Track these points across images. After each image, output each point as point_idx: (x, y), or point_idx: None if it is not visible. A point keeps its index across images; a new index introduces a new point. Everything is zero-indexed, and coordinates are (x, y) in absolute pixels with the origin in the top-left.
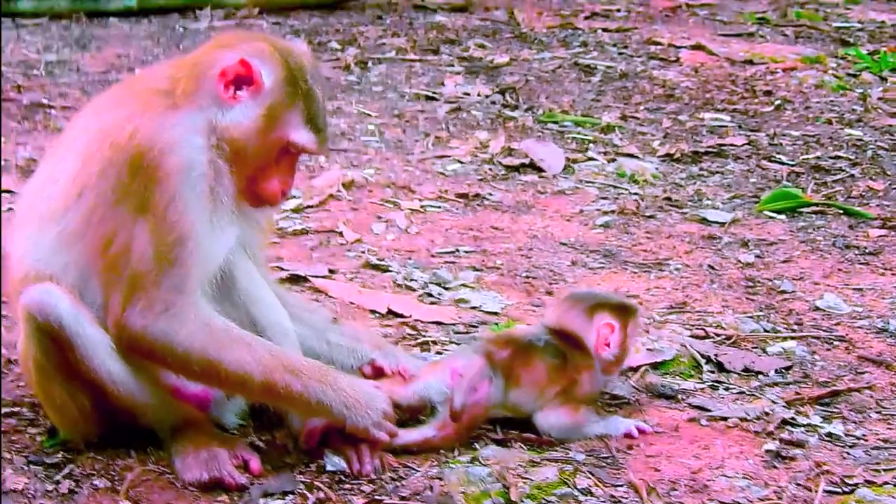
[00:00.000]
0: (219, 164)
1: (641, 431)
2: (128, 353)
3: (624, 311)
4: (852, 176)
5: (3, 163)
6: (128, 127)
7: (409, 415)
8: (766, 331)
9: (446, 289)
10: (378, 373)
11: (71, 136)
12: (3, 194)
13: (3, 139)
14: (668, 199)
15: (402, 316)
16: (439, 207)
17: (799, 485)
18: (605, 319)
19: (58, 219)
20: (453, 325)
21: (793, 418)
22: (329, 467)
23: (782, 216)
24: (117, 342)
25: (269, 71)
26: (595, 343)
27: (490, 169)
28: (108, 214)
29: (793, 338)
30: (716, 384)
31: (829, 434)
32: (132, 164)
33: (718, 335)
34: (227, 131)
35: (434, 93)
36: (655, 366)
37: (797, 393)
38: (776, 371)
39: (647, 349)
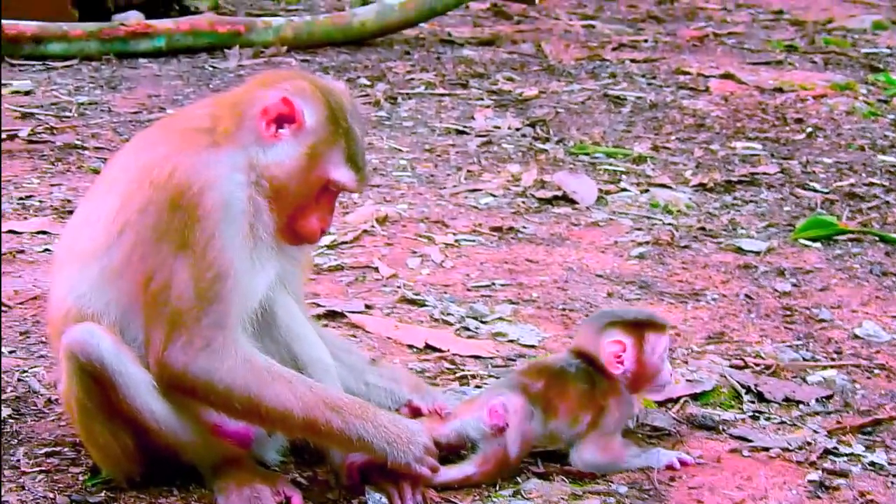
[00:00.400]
0: (258, 201)
1: (683, 463)
2: (169, 391)
3: (637, 326)
4: (887, 202)
5: (29, 203)
6: (168, 165)
7: (448, 452)
8: (805, 360)
9: (483, 322)
10: (415, 413)
11: (111, 174)
12: (37, 236)
13: (37, 180)
14: (703, 228)
15: (439, 350)
16: (474, 241)
17: None
18: (614, 336)
19: (99, 256)
20: (491, 358)
21: (835, 448)
22: (370, 503)
23: (818, 244)
24: (158, 379)
25: (311, 110)
26: (606, 361)
27: (523, 202)
28: (148, 252)
29: (833, 366)
30: (757, 414)
31: (873, 463)
32: (172, 201)
33: (758, 365)
34: (267, 169)
35: (464, 127)
36: (695, 396)
37: (839, 422)
38: (817, 400)
39: (687, 380)
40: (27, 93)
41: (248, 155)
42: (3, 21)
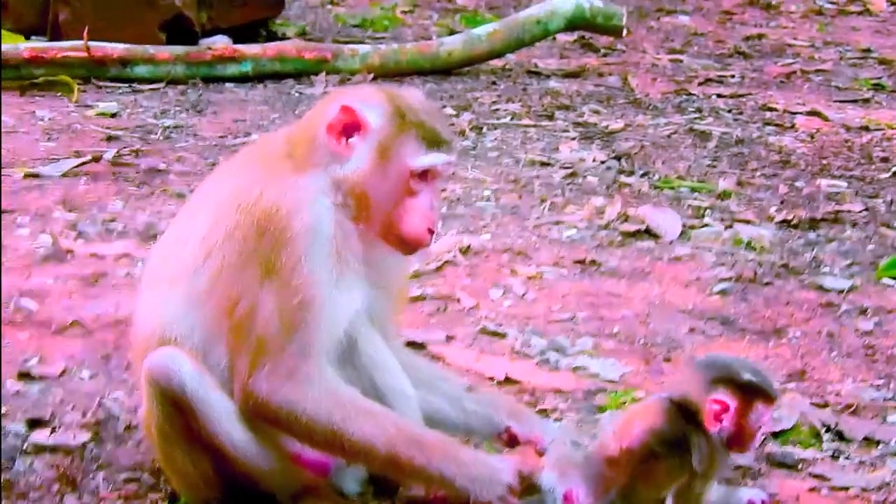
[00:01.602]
0: (346, 224)
1: (763, 503)
2: (252, 418)
3: (748, 392)
4: None
5: (113, 227)
6: (255, 190)
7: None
8: (886, 400)
9: (564, 355)
10: (512, 440)
11: (199, 199)
12: (120, 260)
13: (121, 204)
14: (786, 265)
15: (519, 383)
16: (556, 274)
17: None
18: (720, 396)
19: (185, 281)
20: (572, 392)
21: None
22: None
23: None
24: (243, 407)
25: (373, 110)
26: (706, 415)
27: (606, 235)
28: (234, 277)
29: None
30: (837, 453)
31: None
32: (259, 226)
33: (839, 404)
34: (350, 183)
35: (549, 158)
36: (776, 434)
37: None
38: None
39: None
40: (113, 115)
41: (329, 174)
42: (90, 43)
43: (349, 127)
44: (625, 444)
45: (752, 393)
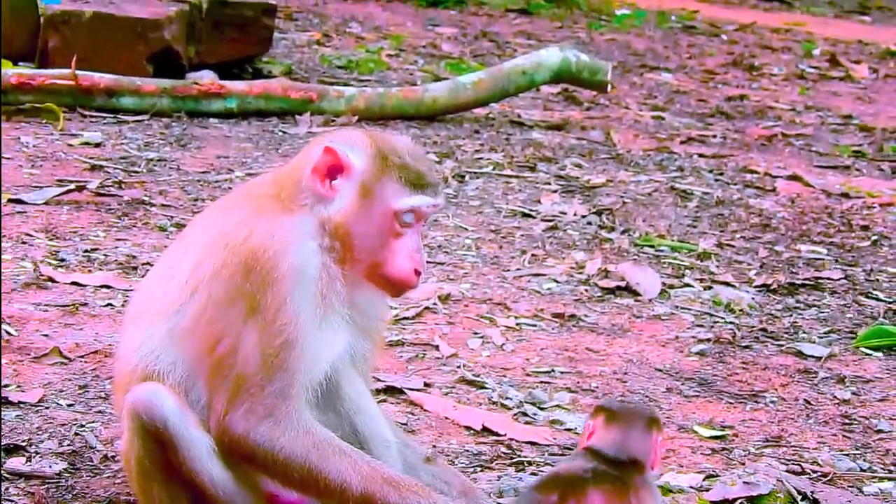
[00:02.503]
0: (332, 267)
1: None
2: (227, 455)
3: (659, 422)
4: None
5: (94, 256)
6: (243, 230)
7: None
8: (862, 470)
9: (541, 409)
10: None
11: (188, 237)
12: (101, 290)
13: (103, 234)
14: (764, 329)
15: (497, 434)
16: (535, 326)
17: None
18: (658, 437)
19: (170, 316)
20: (548, 446)
21: None
22: None
23: (879, 353)
24: (218, 443)
25: (356, 152)
26: (653, 461)
27: (586, 290)
28: (218, 314)
29: (890, 479)
30: None
31: None
32: (246, 265)
33: (815, 472)
34: (333, 223)
35: (530, 210)
36: (751, 500)
37: None
38: None
39: (744, 482)
40: (97, 145)
41: (316, 215)
42: (78, 71)
43: (333, 168)
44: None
45: (659, 421)
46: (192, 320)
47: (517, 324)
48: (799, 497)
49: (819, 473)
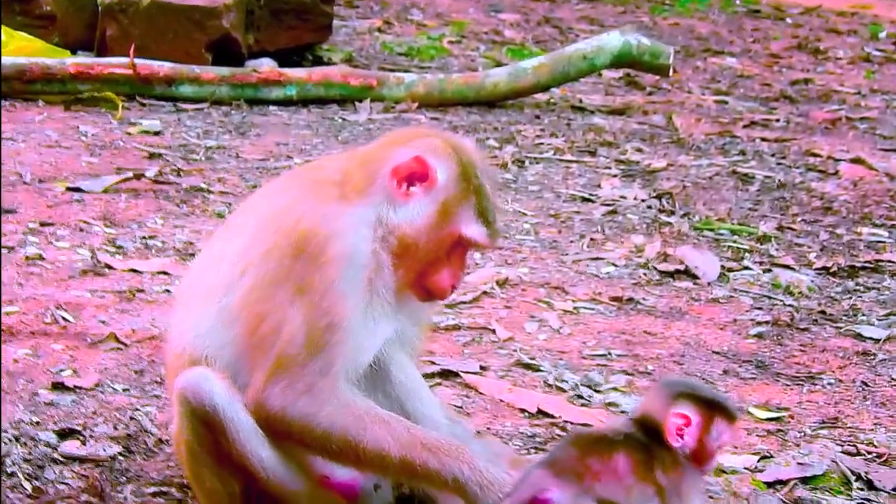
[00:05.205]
0: (382, 257)
1: None
2: (266, 432)
3: (710, 406)
4: None
5: (152, 244)
6: (296, 213)
7: None
8: None
9: (597, 391)
10: None
11: (238, 219)
12: (157, 276)
13: (160, 221)
14: (823, 312)
15: (551, 416)
16: (592, 310)
17: None
18: (683, 409)
19: (220, 297)
20: None
21: None
22: None
23: None
24: (255, 419)
25: (443, 167)
26: (667, 430)
27: (645, 273)
28: (265, 295)
29: None
30: (865, 502)
31: None
32: (296, 247)
33: (870, 453)
34: (398, 227)
35: (590, 195)
36: (805, 480)
37: None
38: None
39: (798, 463)
40: (156, 133)
41: (378, 212)
42: (137, 60)
43: (415, 176)
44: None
45: (714, 408)
46: (239, 302)
47: (574, 307)
48: (853, 478)
49: (874, 454)
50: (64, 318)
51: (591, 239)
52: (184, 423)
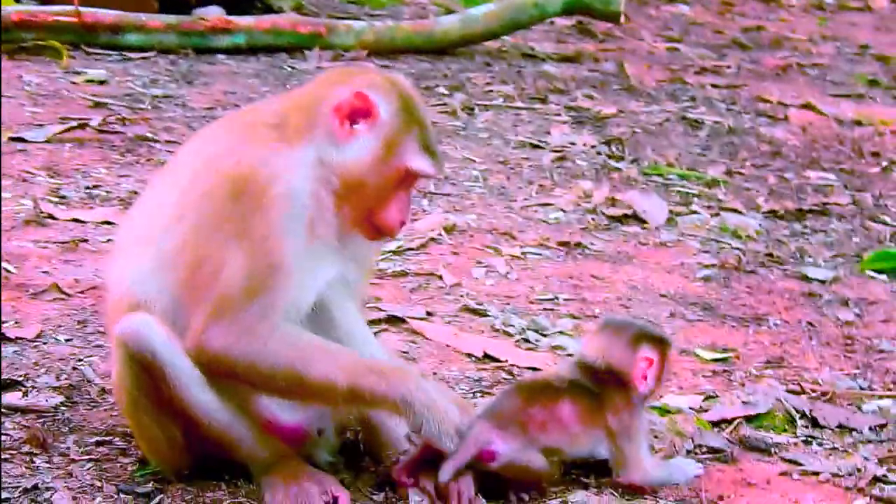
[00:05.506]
0: (323, 197)
1: None
2: (207, 374)
3: (663, 343)
4: None
5: (96, 193)
6: (234, 156)
7: None
8: (862, 388)
9: (544, 335)
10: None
11: (177, 164)
12: (101, 226)
13: (105, 171)
14: (770, 255)
15: (497, 360)
16: (540, 255)
17: None
18: (646, 353)
19: (156, 242)
20: None
21: (885, 475)
22: None
23: (884, 276)
24: (196, 362)
25: (385, 102)
26: (634, 376)
27: (593, 219)
28: (204, 238)
29: (889, 396)
30: (809, 439)
31: None
32: (235, 190)
33: (814, 391)
34: (342, 166)
35: (540, 141)
36: (750, 419)
37: (890, 451)
38: (870, 429)
39: (742, 402)
40: (101, 82)
41: (319, 152)
42: (82, 8)
43: (357, 113)
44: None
45: (665, 344)
46: (177, 245)
47: (522, 253)
48: (798, 416)
49: (819, 393)
50: (6, 269)
51: (540, 185)
52: (123, 370)
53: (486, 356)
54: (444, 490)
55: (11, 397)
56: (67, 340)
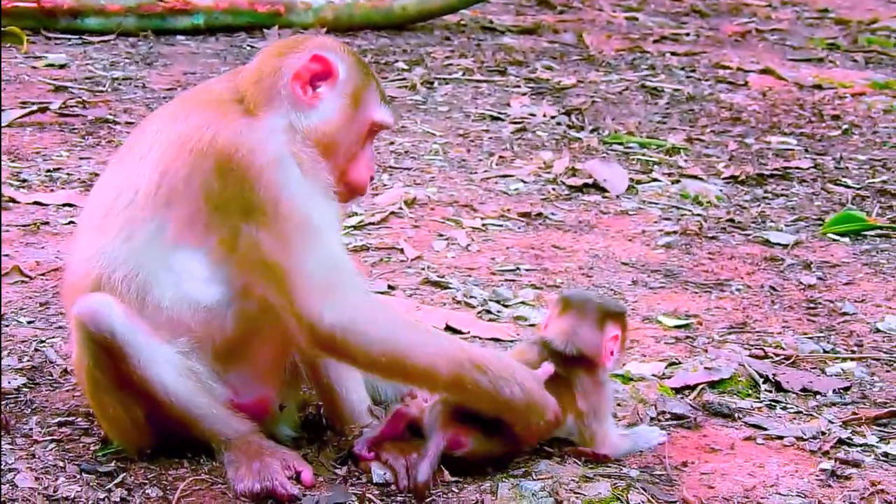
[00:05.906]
0: (305, 159)
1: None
2: (321, 352)
3: (621, 316)
4: None
5: (57, 176)
6: (206, 133)
7: None
8: (825, 352)
9: (505, 306)
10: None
11: (140, 145)
12: (63, 208)
13: (66, 154)
14: (732, 220)
15: (459, 332)
16: (501, 226)
17: (852, 503)
18: (614, 331)
19: (144, 225)
20: (511, 341)
21: (849, 438)
22: (376, 479)
23: (846, 239)
24: (309, 345)
25: (341, 61)
26: (604, 357)
27: (553, 189)
28: (212, 222)
29: (852, 359)
30: (773, 403)
31: (886, 454)
32: (219, 168)
33: (777, 355)
34: (314, 131)
35: (500, 113)
36: (713, 384)
37: (854, 413)
38: (834, 391)
39: (705, 368)
40: (62, 66)
41: (288, 121)
42: None
43: (318, 76)
44: None
45: (623, 315)
46: (179, 230)
47: (483, 224)
48: (761, 380)
49: (782, 356)
50: None
51: (500, 157)
52: (83, 351)
53: (449, 328)
54: (407, 466)
55: None
56: (29, 322)
